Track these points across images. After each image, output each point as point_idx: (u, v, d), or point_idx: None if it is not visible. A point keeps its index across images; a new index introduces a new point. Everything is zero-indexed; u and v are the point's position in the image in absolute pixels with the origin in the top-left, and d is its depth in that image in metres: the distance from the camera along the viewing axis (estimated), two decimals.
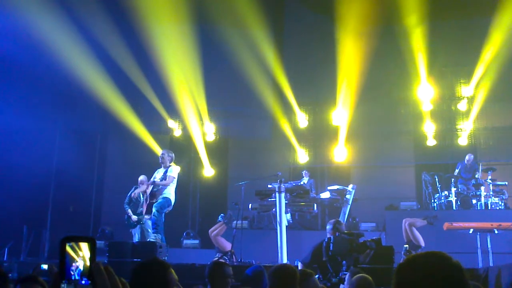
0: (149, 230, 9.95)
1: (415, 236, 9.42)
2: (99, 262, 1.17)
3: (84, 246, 1.19)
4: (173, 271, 2.76)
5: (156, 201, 9.25)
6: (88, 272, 1.17)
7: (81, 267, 1.17)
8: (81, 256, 1.18)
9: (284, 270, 4.03)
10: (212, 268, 4.57)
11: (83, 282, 1.16)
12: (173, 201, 9.41)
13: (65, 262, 1.17)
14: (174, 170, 9.46)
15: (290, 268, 4.08)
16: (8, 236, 11.26)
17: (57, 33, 11.22)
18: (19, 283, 3.43)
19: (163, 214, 9.20)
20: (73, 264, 1.17)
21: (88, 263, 1.17)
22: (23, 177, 12.48)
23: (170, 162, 9.53)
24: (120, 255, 8.21)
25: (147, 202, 9.39)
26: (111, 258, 8.19)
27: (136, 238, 10.21)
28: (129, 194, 10.50)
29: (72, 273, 1.17)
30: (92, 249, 1.19)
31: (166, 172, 9.39)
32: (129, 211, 10.38)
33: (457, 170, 12.56)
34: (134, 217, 10.29)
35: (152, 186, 9.35)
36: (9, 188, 12.02)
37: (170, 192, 9.34)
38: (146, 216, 9.98)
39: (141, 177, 10.49)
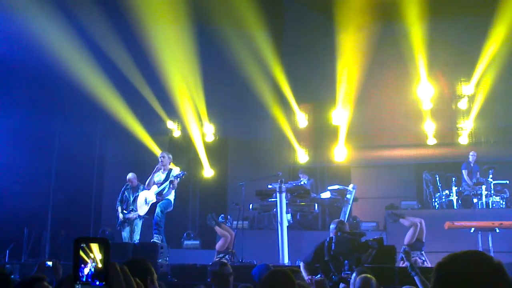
0: (136, 230, 10.00)
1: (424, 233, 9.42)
2: (115, 262, 1.15)
3: (97, 247, 1.17)
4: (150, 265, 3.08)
5: (158, 201, 9.29)
6: (101, 274, 1.15)
7: (93, 269, 1.15)
8: (93, 257, 1.16)
9: (278, 277, 3.51)
10: (215, 268, 4.61)
11: (96, 283, 1.14)
12: (173, 202, 9.50)
13: (78, 264, 1.15)
14: (176, 173, 9.54)
15: (284, 274, 3.52)
16: (9, 238, 11.31)
17: (55, 35, 11.18)
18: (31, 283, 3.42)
19: (165, 215, 9.25)
20: (86, 265, 1.15)
21: (100, 265, 1.15)
22: (22, 178, 12.48)
23: (169, 164, 9.62)
24: (121, 256, 8.16)
25: (151, 203, 9.40)
26: (112, 259, 8.15)
27: (124, 237, 10.15)
28: (121, 192, 10.49)
29: (82, 274, 1.15)
30: (106, 250, 1.17)
31: (168, 175, 9.42)
32: (119, 208, 10.30)
33: (464, 172, 12.43)
34: (121, 216, 10.18)
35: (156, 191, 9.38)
36: (8, 190, 12.04)
37: (171, 194, 9.44)
38: (134, 215, 9.98)
39: (130, 175, 10.45)
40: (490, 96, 13.03)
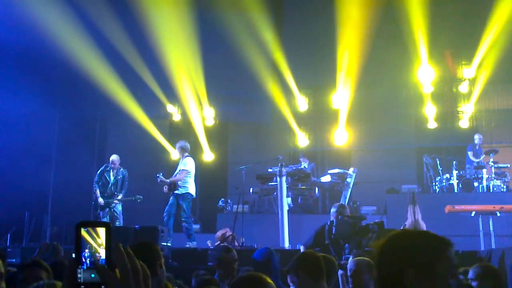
0: (118, 214, 9.99)
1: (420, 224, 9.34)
2: (119, 243, 1.13)
3: (99, 231, 1.15)
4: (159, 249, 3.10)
5: (174, 192, 9.32)
6: (104, 258, 1.14)
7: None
8: (97, 241, 1.15)
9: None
10: (220, 253, 4.60)
11: None
12: (193, 192, 9.62)
13: (80, 247, 1.14)
14: (188, 163, 9.53)
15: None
16: (10, 222, 11.37)
17: (55, 17, 11.10)
18: (24, 269, 3.38)
19: (190, 205, 9.31)
20: (89, 249, 1.14)
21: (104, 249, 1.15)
22: (23, 163, 12.49)
23: (186, 152, 9.63)
24: (122, 240, 8.14)
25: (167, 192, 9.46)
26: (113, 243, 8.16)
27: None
28: (98, 172, 10.37)
29: (84, 260, 1.14)
30: (108, 234, 1.16)
31: (179, 164, 9.50)
32: (97, 191, 10.08)
33: (470, 153, 12.37)
34: (101, 200, 10.00)
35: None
36: (9, 175, 12.06)
37: (187, 186, 9.43)
38: (116, 201, 9.97)
39: (114, 157, 10.33)
40: (491, 79, 12.96)
